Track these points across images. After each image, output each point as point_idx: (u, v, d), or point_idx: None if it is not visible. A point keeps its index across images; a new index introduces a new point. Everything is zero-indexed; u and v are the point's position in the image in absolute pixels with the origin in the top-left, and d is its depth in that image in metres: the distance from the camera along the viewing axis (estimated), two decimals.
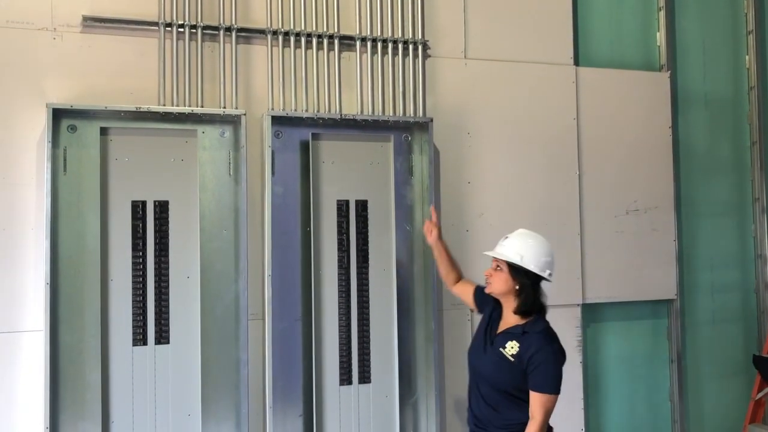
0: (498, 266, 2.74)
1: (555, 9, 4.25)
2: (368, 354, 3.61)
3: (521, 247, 2.71)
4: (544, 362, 2.59)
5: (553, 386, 2.58)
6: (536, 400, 2.57)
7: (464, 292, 3.15)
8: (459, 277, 3.23)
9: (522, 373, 2.61)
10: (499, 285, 2.73)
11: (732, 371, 4.68)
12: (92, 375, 3.18)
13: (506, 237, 2.79)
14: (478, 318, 3.82)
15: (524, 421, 2.60)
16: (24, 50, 3.26)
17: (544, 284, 2.75)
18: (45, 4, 3.30)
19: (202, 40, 3.49)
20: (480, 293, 2.97)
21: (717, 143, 4.74)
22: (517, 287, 2.69)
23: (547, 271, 2.71)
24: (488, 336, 2.78)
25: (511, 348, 2.65)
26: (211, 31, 3.51)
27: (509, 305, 2.74)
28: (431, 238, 3.24)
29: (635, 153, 4.36)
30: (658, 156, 4.43)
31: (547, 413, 2.58)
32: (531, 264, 2.67)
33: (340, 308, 3.59)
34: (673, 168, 4.47)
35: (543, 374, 2.58)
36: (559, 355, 2.65)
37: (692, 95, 4.67)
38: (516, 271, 2.69)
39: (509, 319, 2.75)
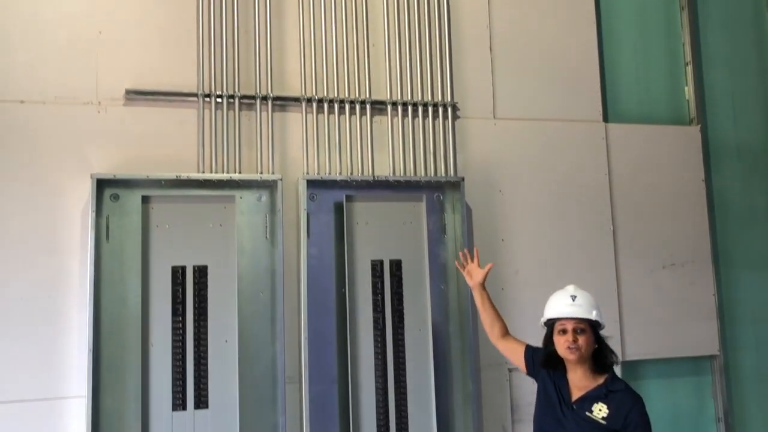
0: (582, 329, 2.63)
1: (582, 67, 4.32)
2: (406, 416, 3.57)
3: (591, 303, 2.67)
4: (642, 421, 2.55)
5: None
6: None
7: (512, 351, 2.99)
8: (504, 331, 3.04)
9: None
10: (587, 347, 2.62)
11: None
12: None
13: (573, 296, 2.69)
14: (517, 378, 3.82)
15: None
16: (70, 123, 3.41)
17: None
18: (90, 80, 3.46)
19: (240, 109, 3.61)
20: (531, 354, 2.87)
21: (752, 195, 4.69)
22: (597, 345, 2.65)
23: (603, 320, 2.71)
24: (562, 402, 2.67)
25: (600, 410, 2.57)
26: (248, 100, 3.64)
27: (581, 367, 2.65)
28: (474, 281, 3.10)
29: (669, 207, 4.35)
30: (693, 209, 4.40)
31: None
32: (600, 317, 2.66)
33: (376, 370, 3.58)
34: (709, 221, 4.43)
35: None
36: (646, 410, 2.60)
37: (724, 148, 4.66)
38: (594, 328, 2.65)
39: (582, 381, 2.66)
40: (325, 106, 3.75)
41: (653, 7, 4.67)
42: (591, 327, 2.64)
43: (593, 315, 2.64)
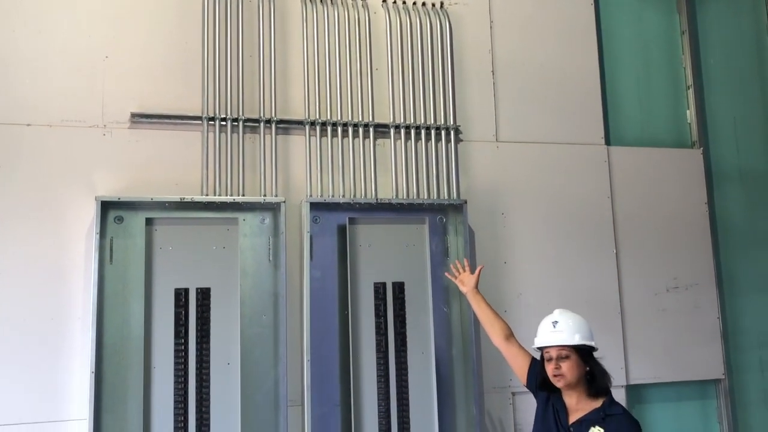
0: (565, 355, 2.62)
1: (584, 90, 4.35)
2: None
3: (574, 326, 2.65)
4: None
5: None
6: None
7: (515, 359, 2.94)
8: (506, 332, 3.01)
9: None
10: (571, 373, 2.61)
11: None
12: None
13: (555, 322, 2.69)
14: (520, 401, 3.80)
15: None
16: (76, 147, 3.43)
17: None
18: (96, 104, 3.50)
19: (244, 132, 3.64)
20: (536, 370, 2.81)
21: (755, 218, 4.69)
22: (588, 368, 2.61)
23: (594, 341, 2.66)
24: (559, 425, 2.65)
25: None
26: (252, 124, 3.67)
27: (577, 390, 2.63)
28: (467, 287, 3.13)
29: (672, 230, 4.35)
30: (696, 232, 4.40)
31: None
32: (587, 339, 2.63)
33: (379, 393, 3.56)
34: (712, 244, 4.43)
35: None
36: None
37: (727, 171, 4.67)
38: (582, 352, 2.61)
39: (579, 405, 2.64)
40: (329, 129, 3.78)
41: (654, 30, 4.71)
42: (576, 351, 2.61)
43: (575, 340, 2.61)
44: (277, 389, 3.39)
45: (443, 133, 3.96)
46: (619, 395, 3.99)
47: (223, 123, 3.61)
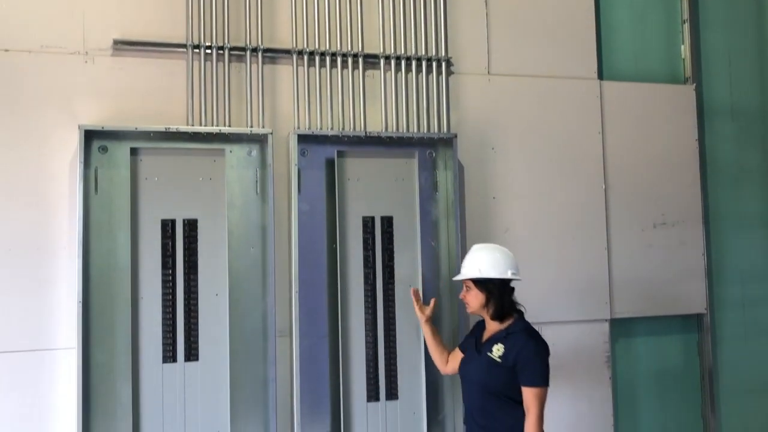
0: (467, 287, 3.02)
1: (578, 23, 4.26)
2: (395, 370, 3.61)
3: (476, 261, 2.98)
4: (530, 357, 2.80)
5: (542, 379, 2.79)
6: (529, 395, 2.77)
7: (455, 359, 3.25)
8: (446, 359, 3.35)
9: (510, 371, 2.82)
10: (473, 302, 3.00)
11: (765, 387, 4.59)
12: (123, 392, 3.21)
13: (465, 258, 3.07)
14: None
15: (523, 419, 2.78)
16: (57, 74, 3.34)
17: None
18: (77, 29, 3.39)
19: (229, 61, 3.55)
20: (462, 345, 3.22)
21: (745, 155, 4.68)
22: (486, 296, 2.94)
23: (510, 272, 2.94)
24: (475, 347, 3.03)
25: (497, 350, 2.87)
26: (237, 52, 3.57)
27: (486, 317, 3.01)
28: (426, 316, 3.38)
29: (662, 166, 4.34)
30: (685, 169, 4.39)
31: (541, 405, 2.77)
32: (491, 272, 2.93)
33: (366, 324, 3.60)
34: (701, 181, 4.43)
35: (531, 369, 2.79)
36: (543, 349, 2.85)
37: (718, 107, 4.64)
38: (481, 283, 2.95)
39: (491, 327, 3.00)
40: (317, 59, 3.69)
41: None
42: (476, 283, 2.97)
43: (473, 274, 2.96)
44: (266, 320, 3.42)
45: (434, 64, 3.88)
46: (603, 329, 4.08)
47: (209, 51, 3.51)
